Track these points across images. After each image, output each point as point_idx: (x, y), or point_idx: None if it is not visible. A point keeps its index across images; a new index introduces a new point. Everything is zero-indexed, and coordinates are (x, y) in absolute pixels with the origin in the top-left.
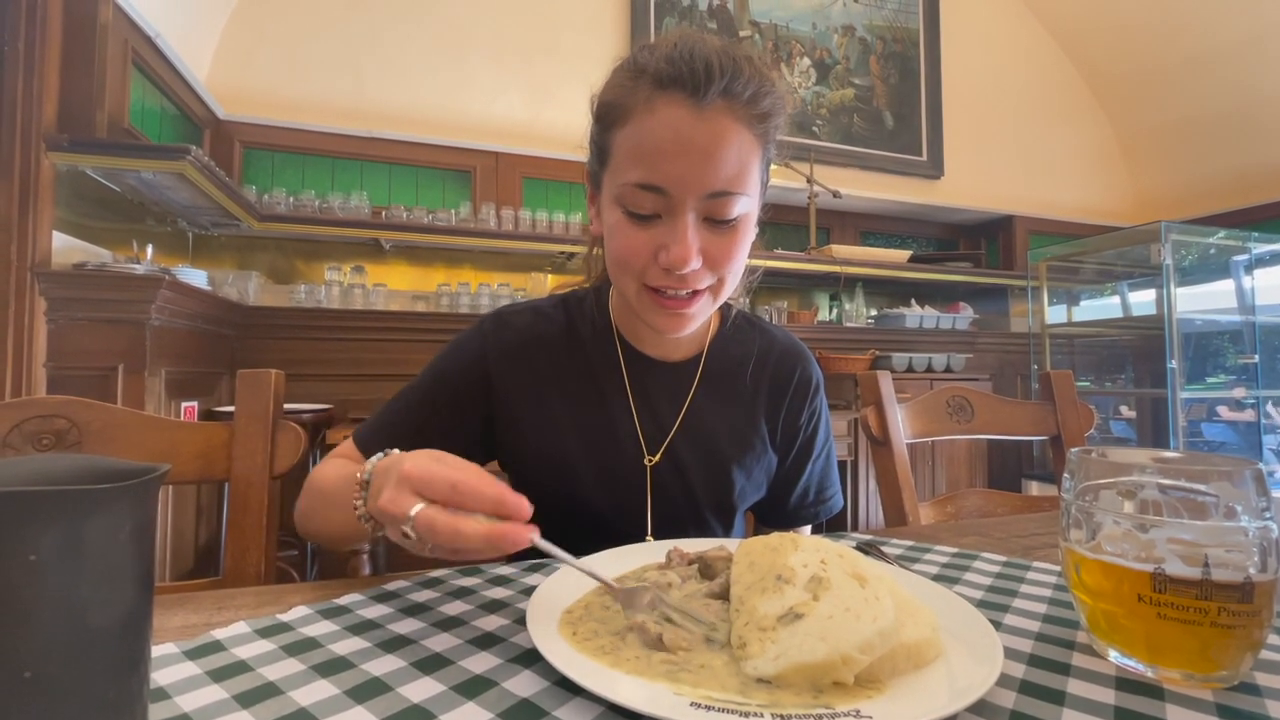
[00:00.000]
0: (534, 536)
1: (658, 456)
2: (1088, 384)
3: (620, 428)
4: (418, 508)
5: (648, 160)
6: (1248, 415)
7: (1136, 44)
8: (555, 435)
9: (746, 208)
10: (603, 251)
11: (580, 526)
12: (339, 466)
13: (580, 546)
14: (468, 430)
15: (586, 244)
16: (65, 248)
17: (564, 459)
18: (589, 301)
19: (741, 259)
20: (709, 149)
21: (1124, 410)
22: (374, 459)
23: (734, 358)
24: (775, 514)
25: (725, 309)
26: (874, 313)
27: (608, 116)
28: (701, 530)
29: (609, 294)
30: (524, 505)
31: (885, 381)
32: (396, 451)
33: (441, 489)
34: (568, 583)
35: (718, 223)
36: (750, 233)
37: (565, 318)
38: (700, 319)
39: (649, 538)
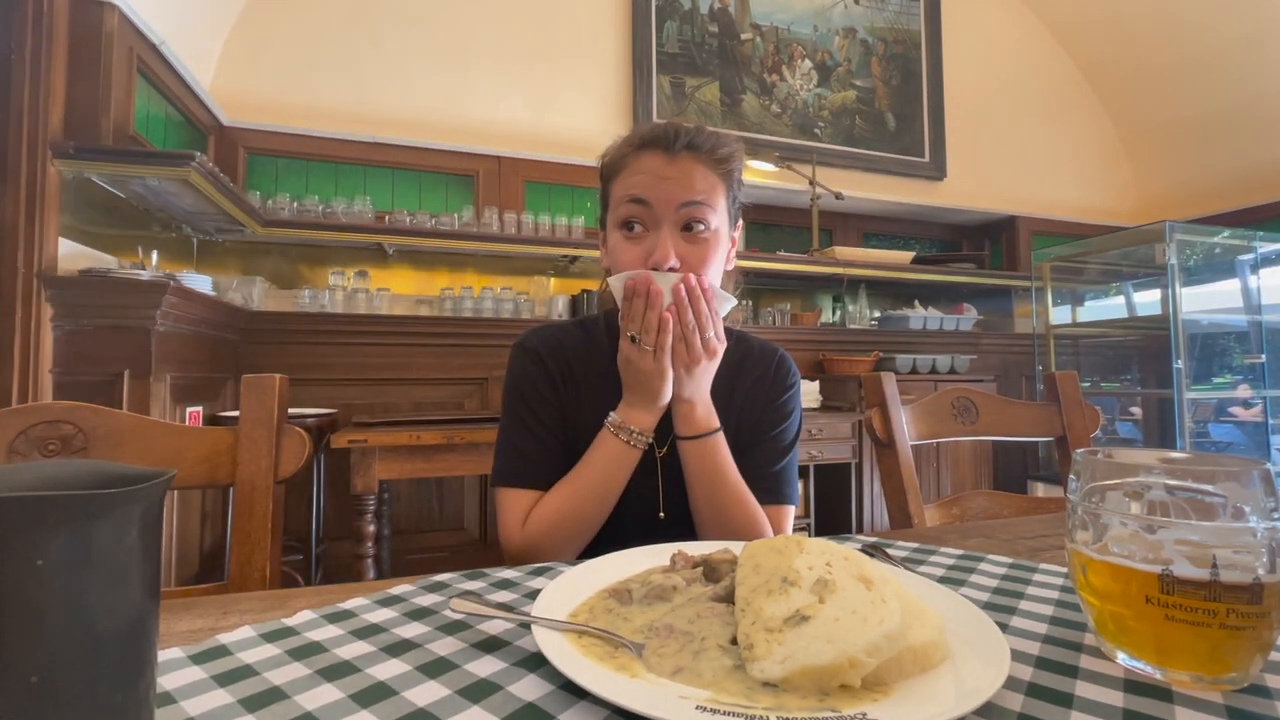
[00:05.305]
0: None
1: (665, 449)
2: (1093, 384)
3: None
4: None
5: (634, 190)
6: (1256, 415)
7: (1139, 43)
8: (581, 425)
9: (717, 223)
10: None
11: None
12: (549, 499)
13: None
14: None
15: (600, 280)
16: (71, 254)
17: (587, 445)
18: (601, 322)
19: (714, 269)
20: (680, 177)
21: (1132, 410)
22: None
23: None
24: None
25: None
26: (877, 314)
27: (606, 172)
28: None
29: (618, 315)
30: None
31: (889, 383)
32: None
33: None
34: (572, 586)
35: (693, 232)
36: (720, 250)
37: (583, 333)
38: None
39: (661, 514)
